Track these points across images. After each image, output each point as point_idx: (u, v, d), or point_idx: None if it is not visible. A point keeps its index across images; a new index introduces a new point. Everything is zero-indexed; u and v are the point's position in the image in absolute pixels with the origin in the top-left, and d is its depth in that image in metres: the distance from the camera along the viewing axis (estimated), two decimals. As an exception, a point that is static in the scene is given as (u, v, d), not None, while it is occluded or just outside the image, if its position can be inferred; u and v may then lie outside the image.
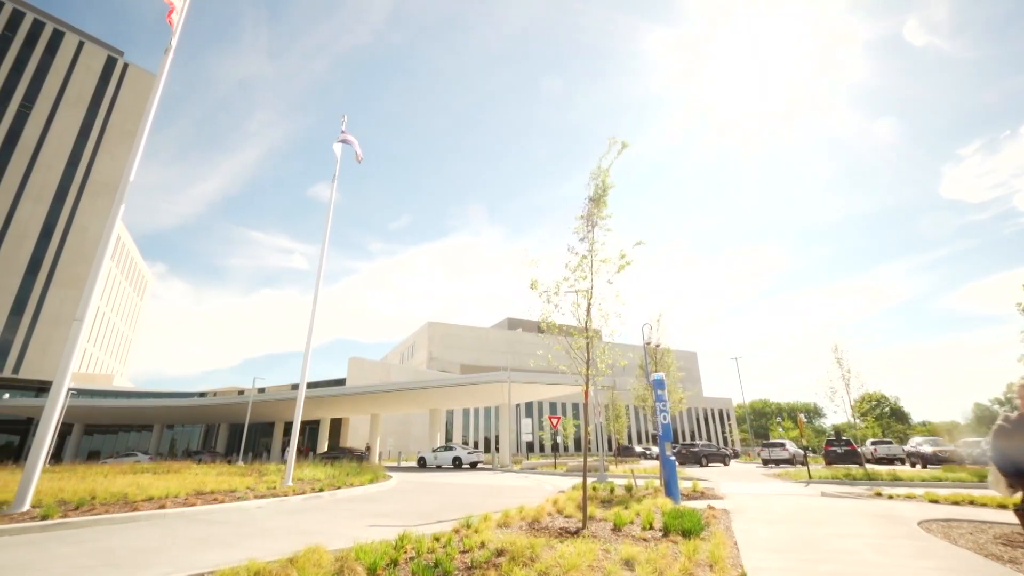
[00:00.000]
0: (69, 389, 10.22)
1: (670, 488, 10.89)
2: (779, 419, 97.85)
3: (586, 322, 7.94)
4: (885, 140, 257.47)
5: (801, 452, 29.91)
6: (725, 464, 31.79)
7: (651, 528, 7.16)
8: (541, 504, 8.90)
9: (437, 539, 5.99)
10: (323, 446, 51.53)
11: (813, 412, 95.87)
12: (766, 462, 29.94)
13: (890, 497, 11.88)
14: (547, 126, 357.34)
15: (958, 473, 17.11)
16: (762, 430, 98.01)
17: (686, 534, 6.50)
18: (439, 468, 30.55)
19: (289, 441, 15.70)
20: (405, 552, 5.37)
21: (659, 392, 12.02)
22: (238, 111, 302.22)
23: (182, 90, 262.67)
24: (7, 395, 47.78)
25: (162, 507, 9.55)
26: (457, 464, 30.61)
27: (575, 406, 67.19)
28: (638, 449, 49.48)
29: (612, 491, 12.13)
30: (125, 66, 63.44)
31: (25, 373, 49.93)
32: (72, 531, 7.73)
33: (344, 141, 18.47)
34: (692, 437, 79.33)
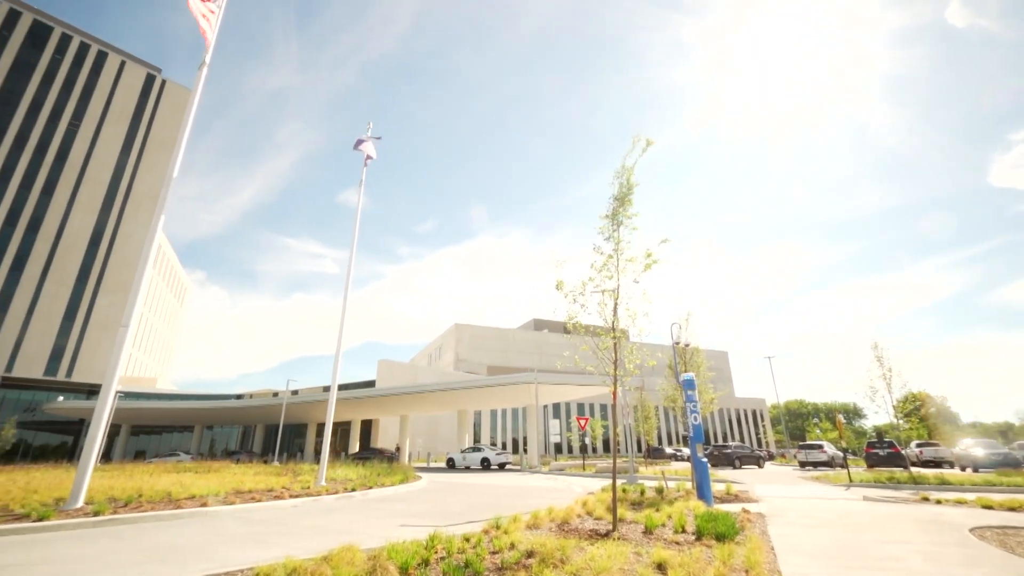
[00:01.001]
0: (117, 392, 10.73)
1: (702, 490, 10.66)
2: (816, 420, 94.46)
3: (613, 322, 7.85)
4: (922, 129, 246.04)
5: (840, 454, 28.84)
6: (759, 466, 30.90)
7: (683, 531, 7.03)
8: (570, 506, 8.85)
9: (467, 539, 6.03)
10: (354, 447, 52.57)
11: (852, 413, 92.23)
12: (803, 464, 28.98)
13: (938, 502, 11.32)
14: (571, 124, 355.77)
15: (1014, 477, 16.15)
16: (798, 431, 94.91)
17: (720, 538, 6.35)
18: (468, 469, 30.72)
19: (322, 442, 16.06)
20: (436, 552, 5.42)
21: (689, 392, 11.79)
22: (270, 121, 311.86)
23: (217, 103, 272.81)
24: (61, 397, 50.50)
25: (204, 505, 9.91)
26: (486, 465, 30.72)
27: (603, 407, 66.54)
28: (668, 450, 48.64)
29: (642, 493, 11.95)
30: (163, 82, 66.29)
31: (77, 376, 52.67)
32: (121, 527, 8.10)
33: (360, 144, 18.73)
34: (724, 438, 77.46)
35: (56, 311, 52.49)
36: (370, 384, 65.28)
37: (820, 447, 28.97)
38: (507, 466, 31.55)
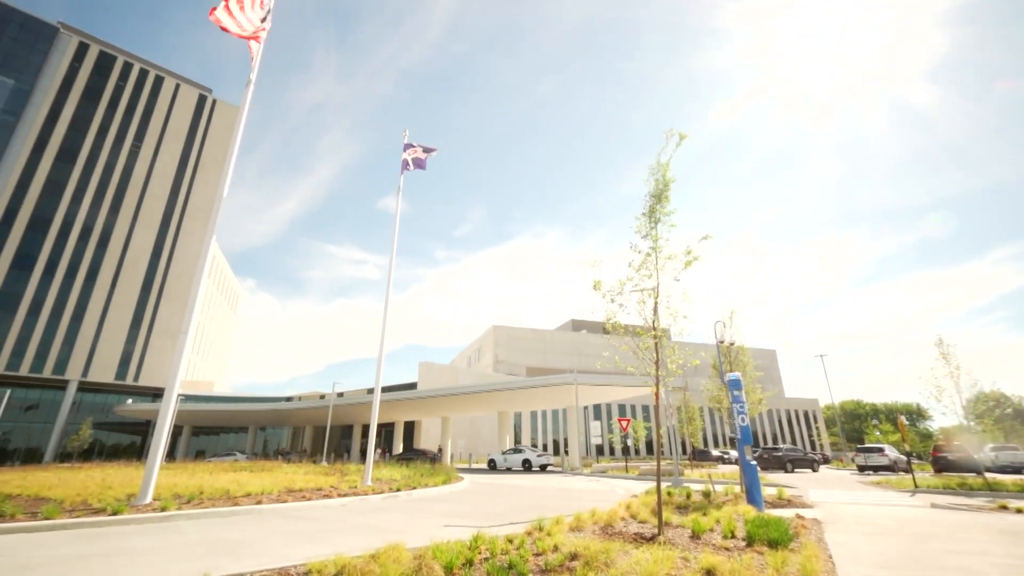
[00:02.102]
0: (178, 395, 11.41)
1: (752, 494, 10.27)
2: (875, 422, 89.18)
3: (653, 321, 7.70)
4: (976, 113, 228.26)
5: (903, 458, 27.11)
6: (814, 470, 29.46)
7: (733, 537, 6.79)
8: (614, 508, 8.72)
9: (510, 541, 6.04)
10: (398, 447, 53.74)
11: (916, 414, 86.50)
12: (862, 468, 27.42)
13: (1019, 511, 10.45)
14: (606, 121, 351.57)
15: (1106, 484, 14.71)
16: (855, 433, 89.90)
17: (772, 544, 6.09)
18: (509, 470, 30.81)
19: (367, 442, 16.51)
20: (479, 552, 5.47)
21: (735, 393, 11.39)
22: (312, 133, 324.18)
23: (263, 118, 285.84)
24: (130, 400, 54.18)
25: (258, 503, 10.39)
26: (527, 467, 30.71)
27: (645, 408, 65.26)
28: (715, 453, 47.12)
29: (688, 496, 11.63)
30: (214, 102, 70.14)
31: (143, 380, 56.37)
32: (185, 522, 8.61)
33: (410, 150, 19.15)
34: (774, 441, 74.36)
35: (124, 319, 56.39)
36: (412, 386, 66.59)
37: (881, 450, 27.33)
38: (548, 468, 31.43)
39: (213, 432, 67.28)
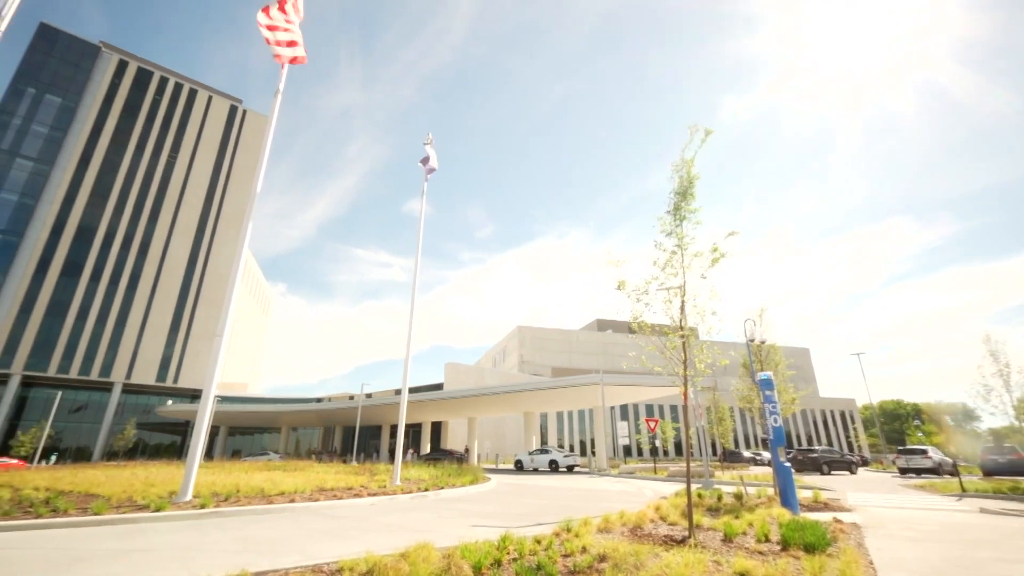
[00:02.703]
0: (215, 396, 11.82)
1: (786, 497, 9.98)
2: (917, 422, 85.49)
3: (680, 320, 7.57)
4: (1017, 101, 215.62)
5: (949, 460, 25.90)
6: (851, 472, 28.42)
7: (767, 540, 6.62)
8: (642, 510, 8.61)
9: (538, 541, 6.04)
10: (425, 448, 54.30)
11: (962, 414, 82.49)
12: (904, 471, 26.31)
13: (1076, 516, 9.84)
14: (628, 118, 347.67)
15: None
16: (895, 435, 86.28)
17: (809, 549, 5.91)
18: (536, 471, 30.76)
19: (395, 442, 16.75)
20: (507, 553, 5.48)
21: (767, 393, 11.09)
22: (339, 139, 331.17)
23: (292, 126, 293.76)
24: (170, 401, 56.39)
25: (292, 501, 10.66)
26: (553, 467, 30.61)
27: (673, 408, 64.21)
28: (746, 454, 45.98)
29: (719, 498, 11.38)
30: (244, 112, 72.41)
31: (182, 382, 58.61)
32: (223, 519, 8.90)
33: (426, 159, 19.38)
34: (809, 442, 72.06)
35: (163, 324, 58.75)
36: (438, 387, 67.20)
37: (924, 452, 26.17)
38: (575, 468, 31.25)
39: (248, 432, 69.37)
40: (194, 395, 58.07)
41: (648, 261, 8.00)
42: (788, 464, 10.50)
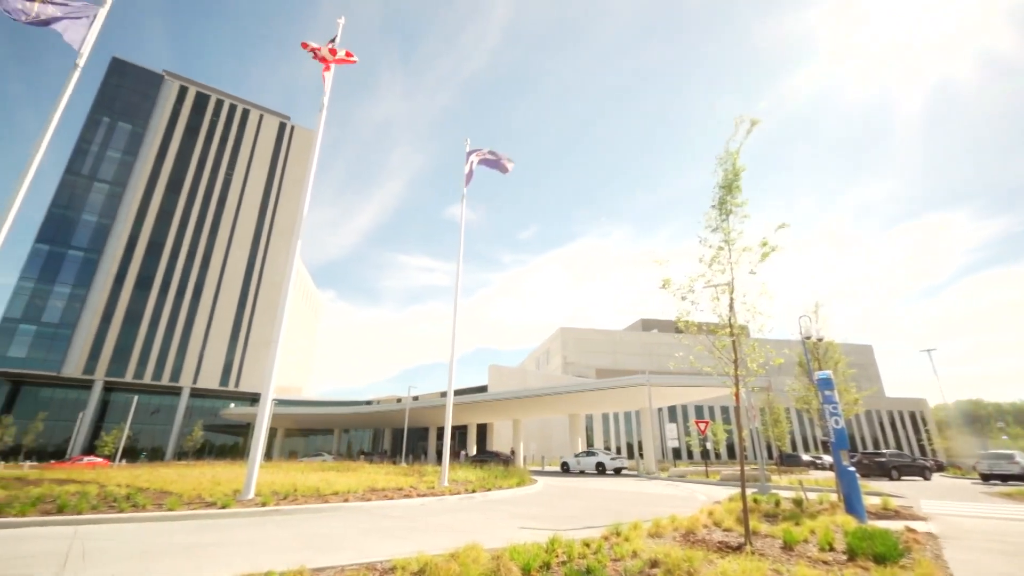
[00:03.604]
0: (272, 399, 12.42)
1: (851, 503, 9.41)
2: (1001, 423, 78.50)
3: (729, 318, 7.30)
4: None
5: (1039, 466, 23.59)
6: (924, 478, 26.41)
7: (831, 549, 6.26)
8: (695, 515, 8.35)
9: (587, 545, 5.97)
10: (471, 449, 54.93)
11: (1054, 414, 74.96)
12: (986, 478, 24.20)
13: None
14: (671, 112, 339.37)
15: None
16: (975, 437, 79.53)
17: (879, 560, 5.54)
18: (582, 473, 30.44)
19: (442, 444, 17.03)
20: (556, 556, 5.45)
21: (826, 393, 10.50)
22: (382, 149, 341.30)
23: (337, 138, 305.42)
24: (232, 405, 59.79)
25: (345, 500, 11.05)
26: (600, 470, 30.19)
27: (725, 409, 61.98)
28: (805, 458, 43.73)
29: (777, 504, 10.87)
30: (292, 128, 76.00)
31: (243, 386, 62.02)
32: (282, 517, 9.34)
33: (484, 160, 19.59)
34: (875, 445, 67.67)
35: (224, 331, 62.42)
36: (482, 389, 67.81)
37: (1010, 457, 23.96)
38: (623, 471, 30.69)
39: (303, 434, 72.47)
40: (253, 398, 61.29)
41: (693, 258, 7.78)
42: (852, 468, 9.89)
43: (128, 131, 62.14)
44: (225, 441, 64.08)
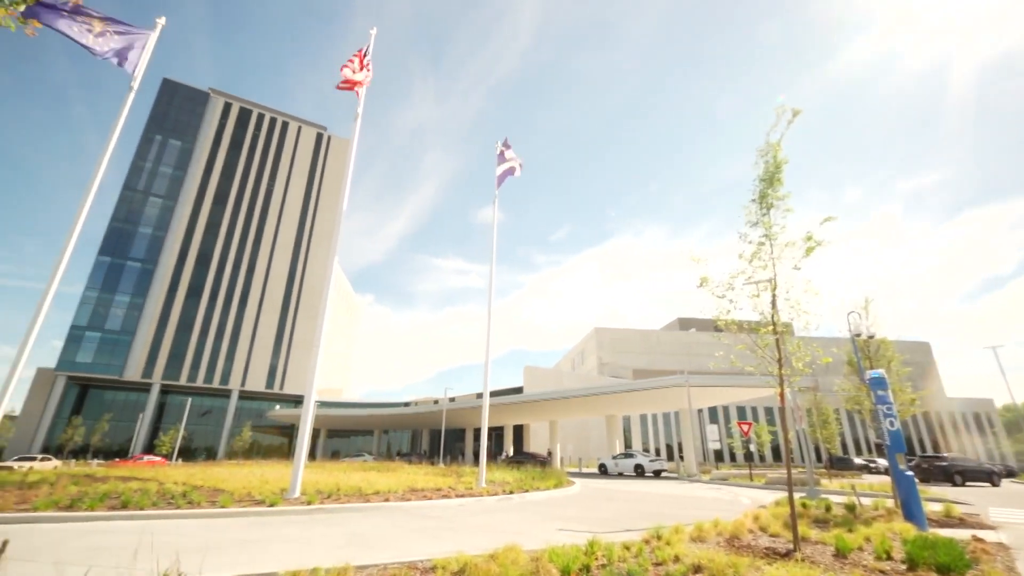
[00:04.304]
0: (315, 401, 12.83)
1: (910, 510, 8.90)
2: (1079, 425, 72.30)
3: (772, 316, 7.05)
4: None
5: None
6: (993, 484, 24.65)
7: (888, 558, 5.94)
8: (739, 519, 8.09)
9: (627, 548, 5.89)
10: (508, 450, 55.01)
11: None
12: (1063, 483, 22.38)
13: None
14: (706, 105, 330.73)
15: None
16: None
17: (943, 571, 5.21)
18: (620, 475, 30.01)
19: (479, 445, 17.15)
20: (595, 558, 5.40)
21: (879, 393, 9.97)
22: (415, 155, 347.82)
23: (372, 146, 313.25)
24: (278, 407, 62.18)
25: (386, 500, 11.29)
26: (639, 472, 29.69)
27: (768, 410, 59.79)
28: (857, 461, 41.65)
29: (828, 509, 10.39)
30: (328, 138, 78.48)
31: (287, 389, 64.40)
32: (326, 515, 9.63)
33: (505, 161, 19.70)
34: (935, 448, 63.69)
35: (269, 336, 65.00)
36: (518, 390, 67.94)
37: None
38: (662, 474, 30.08)
39: (344, 435, 74.54)
40: (297, 400, 63.54)
41: (732, 255, 7.56)
42: (910, 473, 9.36)
43: (178, 147, 65.70)
44: (272, 441, 66.70)
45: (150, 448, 53.75)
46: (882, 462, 38.59)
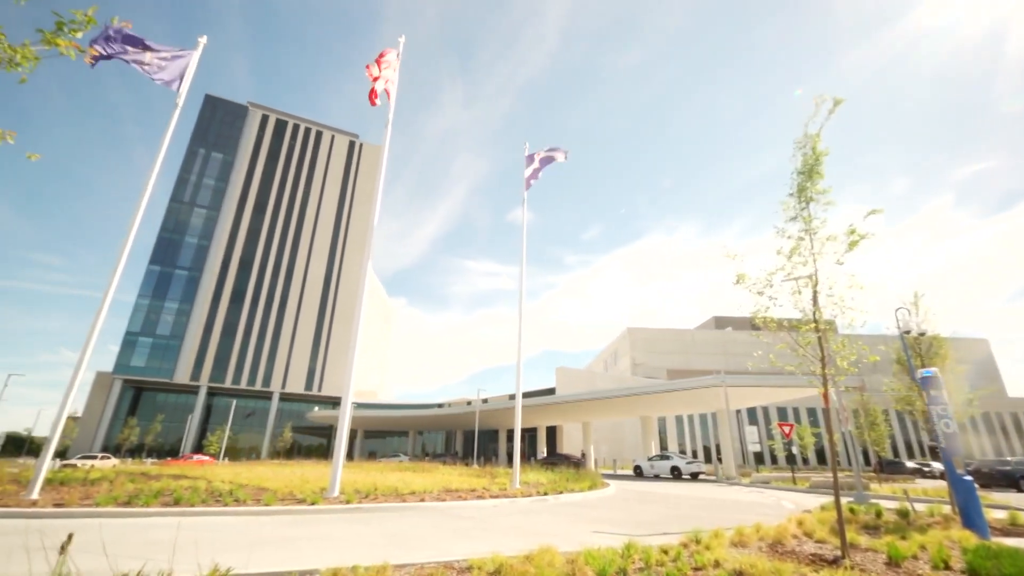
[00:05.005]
0: (352, 403, 13.15)
1: (969, 517, 8.39)
2: None
3: (814, 313, 6.78)
4: None
5: None
6: (1064, 490, 22.91)
7: (946, 567, 5.61)
8: (783, 524, 7.82)
9: (665, 552, 5.78)
10: (541, 451, 54.89)
11: None
12: None
13: None
14: (738, 97, 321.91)
15: None
16: None
17: (1006, 581, 4.89)
18: (656, 477, 29.49)
19: (513, 446, 17.19)
20: (632, 562, 5.32)
21: (933, 393, 9.45)
22: (445, 158, 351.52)
23: (403, 151, 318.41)
24: (316, 408, 64.02)
25: (422, 500, 11.46)
26: (676, 474, 29.09)
27: (811, 411, 57.52)
28: (910, 465, 39.52)
29: (878, 515, 9.91)
30: (360, 145, 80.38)
31: (325, 391, 66.26)
32: (364, 514, 9.85)
33: (544, 159, 19.69)
34: (996, 451, 59.75)
35: (307, 339, 67.06)
36: (550, 391, 67.69)
37: None
38: (700, 476, 29.37)
39: (380, 436, 76.10)
40: (335, 402, 65.27)
41: (769, 251, 7.33)
42: (969, 477, 8.82)
43: (220, 160, 68.69)
44: (311, 442, 68.74)
45: (199, 448, 56.32)
46: (937, 466, 36.52)
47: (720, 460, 34.97)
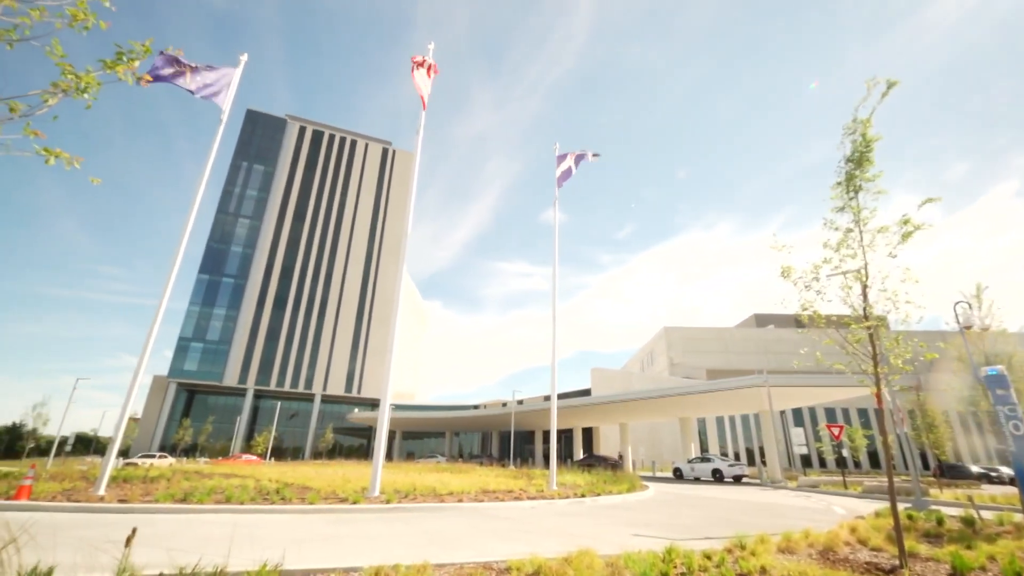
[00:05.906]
0: (390, 404, 13.42)
1: (1045, 527, 7.76)
2: None
3: (864, 308, 6.45)
4: None
5: None
6: None
7: (1019, 580, 5.22)
8: (834, 530, 7.47)
9: (708, 557, 5.62)
10: (577, 453, 54.50)
11: None
12: None
13: None
14: (777, 86, 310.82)
15: None
16: None
17: (1090, 597, 4.50)
18: (697, 480, 28.74)
19: (549, 448, 17.12)
20: (674, 566, 5.20)
21: (999, 392, 8.81)
22: (477, 161, 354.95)
23: (435, 156, 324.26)
24: (356, 410, 65.68)
25: (460, 501, 11.57)
26: (717, 477, 28.27)
27: (862, 412, 54.74)
28: (974, 469, 37.00)
29: (940, 523, 9.32)
30: (394, 152, 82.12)
31: (364, 393, 67.93)
32: (404, 514, 10.03)
33: (576, 157, 19.68)
34: (1076, 455, 55.08)
35: (346, 342, 68.95)
36: (586, 392, 67.12)
37: None
38: (743, 479, 28.43)
39: (418, 437, 77.38)
40: (373, 404, 66.82)
41: (812, 247, 7.03)
42: (1043, 483, 8.17)
43: (262, 171, 71.63)
44: (352, 443, 70.59)
45: (247, 448, 58.79)
46: (1006, 471, 34.07)
47: (764, 463, 33.76)
